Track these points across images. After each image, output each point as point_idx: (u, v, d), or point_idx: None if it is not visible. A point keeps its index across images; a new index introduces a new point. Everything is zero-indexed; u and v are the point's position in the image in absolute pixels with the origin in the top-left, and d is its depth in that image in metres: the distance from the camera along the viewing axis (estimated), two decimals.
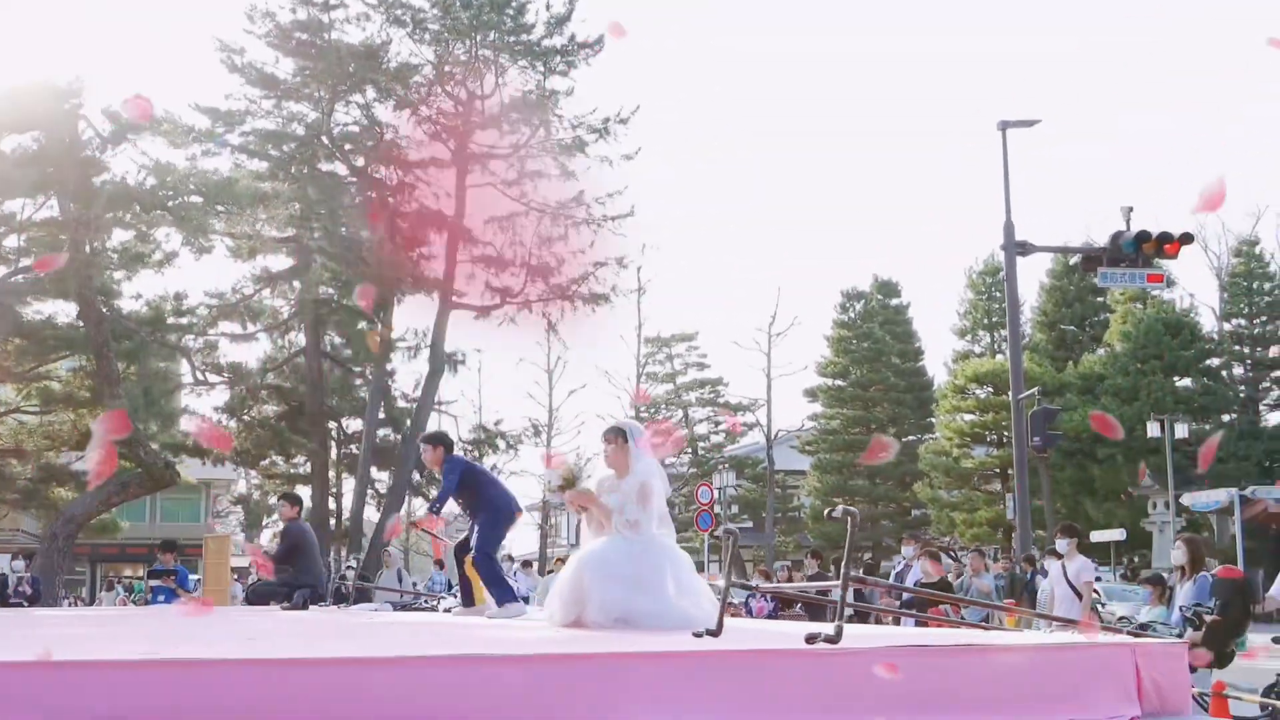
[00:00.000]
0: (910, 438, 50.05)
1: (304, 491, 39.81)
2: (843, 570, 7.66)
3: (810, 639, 6.87)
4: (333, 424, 38.49)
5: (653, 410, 49.14)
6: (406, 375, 40.62)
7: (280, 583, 14.73)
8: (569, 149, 36.21)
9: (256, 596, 15.42)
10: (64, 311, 26.60)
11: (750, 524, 50.07)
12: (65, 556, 25.67)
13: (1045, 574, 16.44)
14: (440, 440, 11.94)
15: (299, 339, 37.49)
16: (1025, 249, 25.50)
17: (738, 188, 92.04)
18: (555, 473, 9.54)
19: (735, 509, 47.96)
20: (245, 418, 36.97)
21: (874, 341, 50.01)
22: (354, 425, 39.86)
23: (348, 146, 35.45)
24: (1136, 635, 8.79)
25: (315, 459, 37.00)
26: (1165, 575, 17.27)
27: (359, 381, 38.01)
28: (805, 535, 49.15)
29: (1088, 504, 43.99)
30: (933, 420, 49.55)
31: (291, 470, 40.37)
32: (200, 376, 32.31)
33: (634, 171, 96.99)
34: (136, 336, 26.39)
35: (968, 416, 46.74)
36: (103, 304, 26.10)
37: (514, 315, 36.92)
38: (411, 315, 37.67)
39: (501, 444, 37.90)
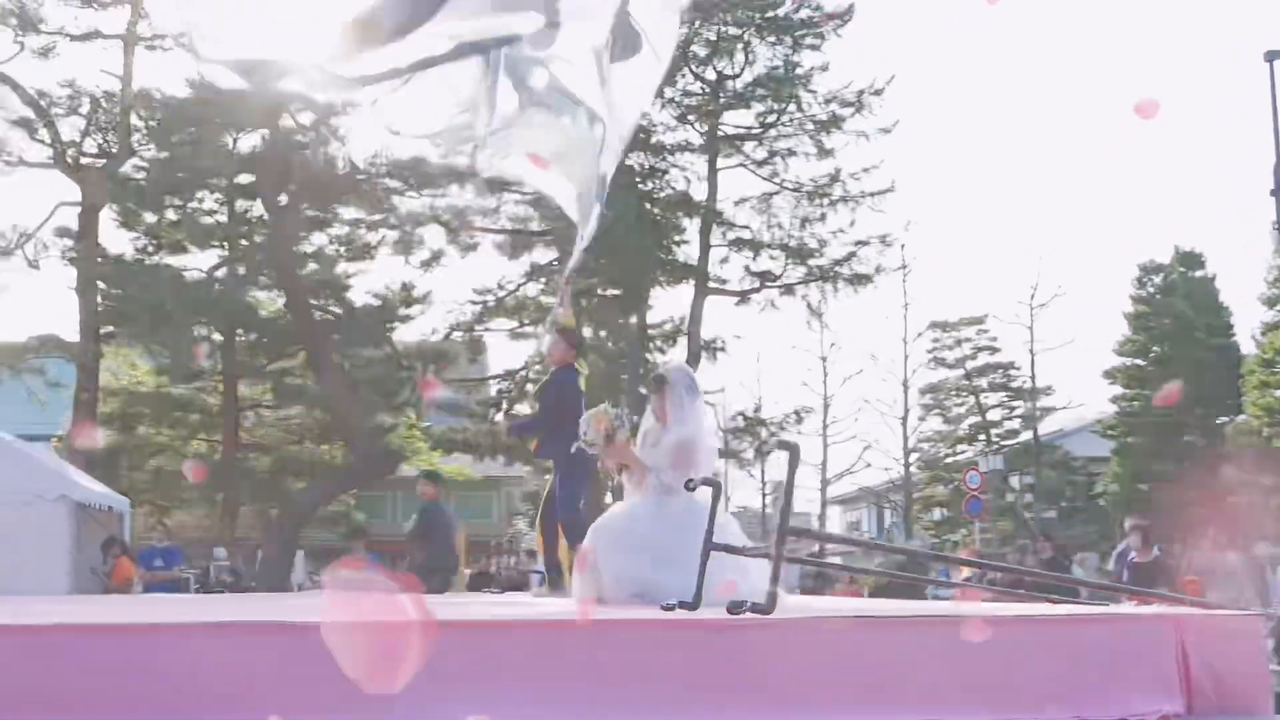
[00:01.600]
0: (1223, 419, 46.31)
1: None
2: (780, 523, 6.47)
3: (733, 609, 5.77)
4: None
5: (939, 396, 47.20)
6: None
7: (411, 566, 14.14)
8: (823, 125, 34.91)
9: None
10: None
11: (1054, 514, 47.38)
12: (290, 548, 25.98)
13: None
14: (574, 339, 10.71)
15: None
16: None
17: (999, 156, 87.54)
18: (592, 425, 8.48)
19: (1030, 498, 45.39)
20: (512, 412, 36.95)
21: (1176, 317, 46.46)
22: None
23: None
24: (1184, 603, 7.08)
25: None
26: None
27: (625, 376, 37.51)
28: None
29: None
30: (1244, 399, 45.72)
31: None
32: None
33: (892, 145, 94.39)
34: (358, 328, 26.50)
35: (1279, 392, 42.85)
36: (328, 297, 26.52)
37: (775, 299, 36.00)
38: (669, 303, 37.19)
39: (763, 432, 36.75)
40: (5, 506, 17.86)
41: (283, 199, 26.53)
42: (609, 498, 14.46)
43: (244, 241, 26.87)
